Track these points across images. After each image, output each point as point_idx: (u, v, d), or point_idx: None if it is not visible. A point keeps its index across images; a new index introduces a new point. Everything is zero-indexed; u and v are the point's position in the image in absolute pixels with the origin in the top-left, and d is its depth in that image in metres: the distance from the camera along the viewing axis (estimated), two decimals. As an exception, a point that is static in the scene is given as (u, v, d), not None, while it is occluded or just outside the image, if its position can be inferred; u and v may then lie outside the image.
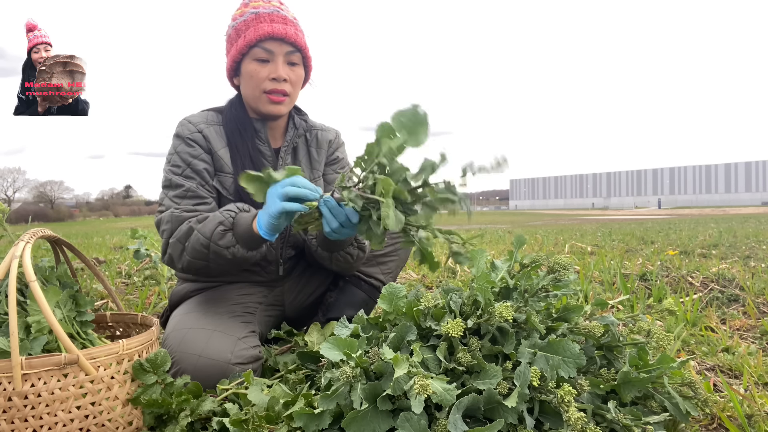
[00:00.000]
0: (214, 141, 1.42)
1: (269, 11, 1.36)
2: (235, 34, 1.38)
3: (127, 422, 0.96)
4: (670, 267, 3.14)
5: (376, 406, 0.88)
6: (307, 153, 1.56)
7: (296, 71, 1.41)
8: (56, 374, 0.85)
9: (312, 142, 1.57)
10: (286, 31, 1.35)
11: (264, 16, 1.35)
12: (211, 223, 1.24)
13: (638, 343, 1.04)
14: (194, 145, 1.39)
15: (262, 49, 1.35)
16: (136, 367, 0.97)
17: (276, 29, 1.34)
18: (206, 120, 1.45)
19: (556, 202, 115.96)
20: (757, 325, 1.86)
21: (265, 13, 1.36)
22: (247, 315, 1.41)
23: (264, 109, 1.40)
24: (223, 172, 1.42)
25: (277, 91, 1.37)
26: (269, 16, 1.36)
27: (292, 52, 1.38)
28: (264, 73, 1.36)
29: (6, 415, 0.83)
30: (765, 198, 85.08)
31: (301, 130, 1.53)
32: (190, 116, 1.46)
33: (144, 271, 3.07)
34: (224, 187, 1.41)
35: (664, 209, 55.57)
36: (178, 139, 1.41)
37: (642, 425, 0.89)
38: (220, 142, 1.43)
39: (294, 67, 1.40)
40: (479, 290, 1.01)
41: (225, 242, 1.22)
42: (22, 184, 69.61)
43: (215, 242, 1.22)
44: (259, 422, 0.96)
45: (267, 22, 1.35)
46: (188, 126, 1.42)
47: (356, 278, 1.58)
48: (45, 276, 1.11)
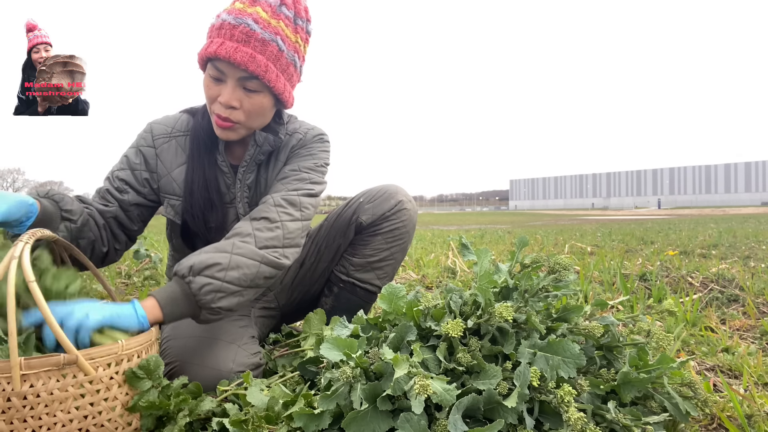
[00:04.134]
0: (169, 161, 1.33)
1: (236, 23, 1.13)
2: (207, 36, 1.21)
3: (126, 423, 0.96)
4: (669, 267, 3.14)
5: (376, 406, 0.88)
6: (274, 168, 1.38)
7: (254, 98, 1.19)
8: (55, 375, 0.85)
9: (281, 154, 1.38)
10: (236, 55, 1.12)
11: (226, 28, 1.14)
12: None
13: (638, 343, 1.04)
14: (139, 157, 1.34)
15: (214, 67, 1.17)
16: (129, 376, 0.95)
17: (224, 50, 1.12)
18: (172, 130, 1.36)
19: (556, 202, 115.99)
20: (756, 325, 1.86)
21: (229, 24, 1.14)
22: (244, 318, 1.39)
23: (215, 130, 1.26)
24: (174, 195, 1.33)
25: (222, 117, 1.20)
26: (231, 29, 1.13)
27: (247, 79, 1.16)
28: (214, 92, 1.19)
29: (5, 416, 0.83)
30: (765, 198, 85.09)
31: (266, 146, 1.32)
32: (158, 121, 1.38)
33: (144, 271, 3.07)
34: (176, 212, 1.33)
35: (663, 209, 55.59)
36: (134, 142, 1.37)
37: (642, 425, 0.89)
38: (177, 160, 1.33)
39: (251, 94, 1.19)
40: (480, 290, 1.01)
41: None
42: (21, 185, 69.67)
43: None
44: (258, 422, 0.96)
45: (225, 38, 1.14)
46: (147, 138, 1.36)
47: (351, 285, 1.54)
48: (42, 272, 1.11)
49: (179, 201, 1.33)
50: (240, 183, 1.35)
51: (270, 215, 1.21)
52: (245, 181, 1.35)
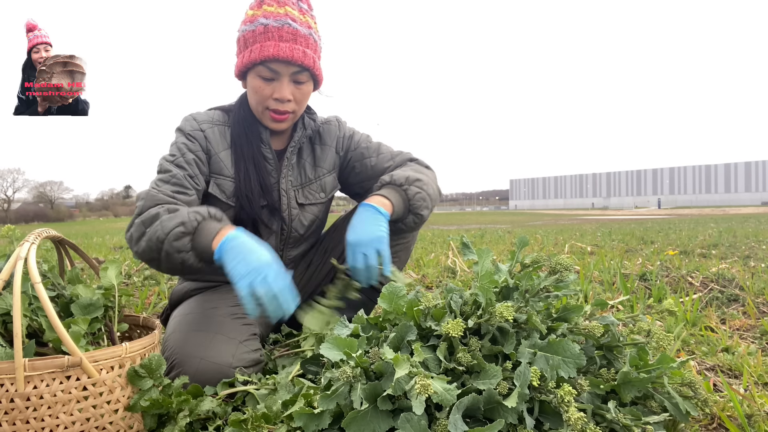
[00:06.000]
0: (216, 143, 1.41)
1: (278, 24, 1.28)
2: (243, 43, 1.34)
3: (128, 426, 0.96)
4: (669, 267, 3.14)
5: (376, 406, 0.88)
6: (311, 152, 1.55)
7: (303, 89, 1.37)
8: (59, 377, 0.85)
9: (316, 140, 1.56)
10: (293, 53, 1.28)
11: (272, 31, 1.28)
12: (175, 220, 1.16)
13: (638, 343, 1.04)
14: (193, 140, 1.39)
15: (267, 69, 1.31)
16: (131, 374, 0.95)
17: (282, 50, 1.27)
18: (211, 120, 1.44)
19: (556, 202, 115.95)
20: (756, 324, 1.86)
21: (274, 27, 1.28)
22: (248, 316, 1.40)
23: (266, 124, 1.41)
24: (222, 175, 1.40)
25: (279, 111, 1.36)
26: (278, 31, 1.28)
27: (299, 72, 1.33)
28: (267, 91, 1.34)
29: (8, 417, 0.83)
30: (765, 198, 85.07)
31: (309, 130, 1.51)
32: (195, 113, 1.45)
33: (144, 271, 3.07)
34: (222, 191, 1.40)
35: (663, 209, 55.58)
36: (180, 132, 1.41)
37: (642, 425, 0.89)
38: (222, 144, 1.42)
39: (300, 86, 1.36)
40: (481, 290, 1.02)
41: (179, 245, 1.15)
42: (22, 184, 69.62)
43: (170, 241, 1.15)
44: (258, 422, 0.96)
45: (275, 39, 1.28)
46: (191, 122, 1.42)
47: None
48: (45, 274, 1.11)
49: (228, 181, 1.40)
50: (286, 162, 1.48)
51: (418, 167, 1.52)
52: (291, 161, 1.49)
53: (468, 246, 1.18)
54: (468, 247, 1.18)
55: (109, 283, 1.14)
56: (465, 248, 1.18)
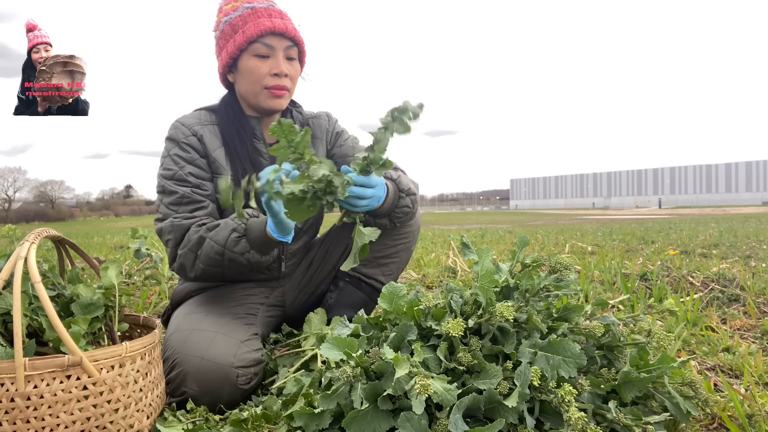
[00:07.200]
0: (210, 142, 1.41)
1: (265, 6, 1.37)
2: (230, 30, 1.37)
3: (128, 425, 0.96)
4: (670, 267, 3.14)
5: (376, 405, 0.88)
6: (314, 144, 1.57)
7: (294, 66, 1.42)
8: (59, 376, 0.85)
9: (319, 132, 1.58)
10: (286, 26, 1.36)
11: (261, 11, 1.35)
12: (224, 231, 1.26)
13: (639, 343, 1.04)
14: (189, 150, 1.38)
15: (263, 45, 1.35)
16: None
17: (277, 24, 1.34)
18: (199, 120, 1.44)
19: (557, 201, 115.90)
20: (757, 324, 1.86)
21: (262, 8, 1.36)
22: (250, 316, 1.40)
23: (264, 104, 1.41)
24: (218, 174, 1.41)
25: (278, 86, 1.38)
26: (266, 11, 1.36)
27: (291, 47, 1.39)
28: (265, 69, 1.36)
29: (8, 416, 0.83)
30: (765, 198, 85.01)
31: (297, 123, 1.53)
32: (182, 118, 1.44)
33: (144, 270, 3.07)
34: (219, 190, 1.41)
35: (664, 209, 55.56)
36: (172, 142, 1.39)
37: (642, 425, 0.89)
38: (215, 143, 1.42)
39: (292, 62, 1.41)
40: (481, 290, 1.01)
41: (239, 249, 1.24)
42: (22, 184, 69.71)
43: (230, 249, 1.24)
44: (258, 422, 0.96)
45: (266, 17, 1.35)
46: (182, 129, 1.40)
47: (356, 279, 1.58)
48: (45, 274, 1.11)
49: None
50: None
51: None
52: None
53: (468, 246, 1.18)
54: (468, 246, 1.18)
55: (109, 283, 1.14)
56: (465, 248, 1.18)
